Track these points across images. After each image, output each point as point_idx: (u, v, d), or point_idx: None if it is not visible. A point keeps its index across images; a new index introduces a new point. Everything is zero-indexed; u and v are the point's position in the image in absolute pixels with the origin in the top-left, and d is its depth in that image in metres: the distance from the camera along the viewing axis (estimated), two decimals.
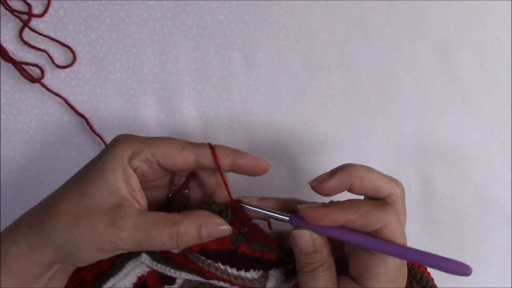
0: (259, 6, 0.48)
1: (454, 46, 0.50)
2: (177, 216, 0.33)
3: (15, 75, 0.46)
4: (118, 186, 0.33)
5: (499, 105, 0.50)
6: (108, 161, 0.33)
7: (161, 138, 0.35)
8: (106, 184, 0.33)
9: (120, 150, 0.33)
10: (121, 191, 0.33)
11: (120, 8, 0.47)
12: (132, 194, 0.33)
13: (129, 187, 0.33)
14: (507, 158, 0.50)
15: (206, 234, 0.34)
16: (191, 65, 0.47)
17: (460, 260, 0.32)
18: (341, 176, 0.34)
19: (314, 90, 0.49)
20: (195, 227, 0.33)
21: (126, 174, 0.33)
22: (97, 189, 0.33)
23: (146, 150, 0.34)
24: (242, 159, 0.35)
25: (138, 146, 0.34)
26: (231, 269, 0.35)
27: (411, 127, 0.49)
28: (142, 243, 0.33)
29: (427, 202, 0.49)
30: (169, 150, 0.34)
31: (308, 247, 0.33)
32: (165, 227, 0.33)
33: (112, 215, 0.32)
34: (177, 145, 0.34)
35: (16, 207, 0.46)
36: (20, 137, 0.46)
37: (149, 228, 0.32)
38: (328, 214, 0.33)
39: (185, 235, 0.33)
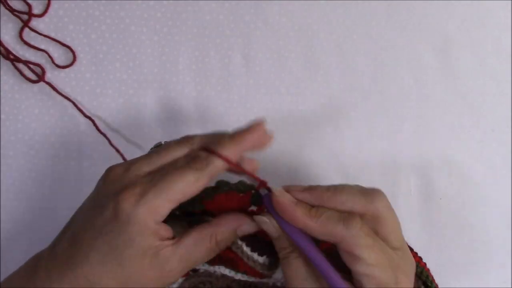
0: (259, 6, 0.48)
1: (454, 46, 0.50)
2: (211, 228, 0.34)
3: (15, 75, 0.46)
4: (151, 244, 0.33)
5: (499, 105, 0.50)
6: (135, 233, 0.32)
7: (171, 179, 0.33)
8: (141, 250, 0.32)
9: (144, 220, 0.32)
10: (154, 244, 0.33)
11: (120, 8, 0.47)
12: (161, 237, 0.33)
13: (157, 236, 0.33)
14: (507, 158, 0.50)
15: (241, 233, 0.35)
16: (191, 65, 0.47)
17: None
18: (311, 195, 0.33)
19: (314, 90, 0.49)
20: (231, 233, 0.34)
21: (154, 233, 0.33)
22: (133, 257, 0.32)
23: (167, 205, 0.32)
24: (245, 144, 0.34)
25: (159, 205, 0.32)
26: (247, 247, 0.36)
27: (411, 127, 0.49)
28: (192, 266, 0.35)
29: (427, 202, 0.49)
30: (186, 191, 0.33)
31: (272, 232, 0.34)
32: (205, 245, 0.34)
33: (156, 265, 0.33)
34: (188, 180, 0.32)
35: (16, 207, 0.46)
36: (20, 137, 0.46)
37: (192, 253, 0.34)
38: (293, 214, 0.32)
39: (223, 242, 0.34)
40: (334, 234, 0.32)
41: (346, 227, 0.31)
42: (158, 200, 0.32)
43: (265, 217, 0.34)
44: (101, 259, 0.32)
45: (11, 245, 0.45)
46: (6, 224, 0.46)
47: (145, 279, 0.33)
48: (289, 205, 0.33)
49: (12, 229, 0.46)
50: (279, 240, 0.34)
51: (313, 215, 0.32)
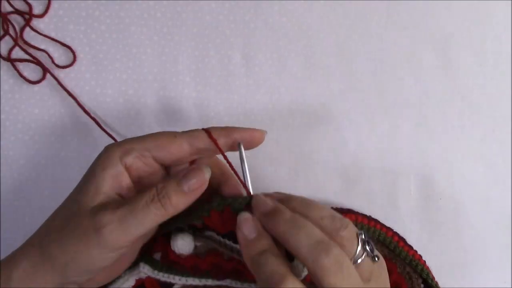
0: (259, 6, 0.48)
1: (454, 46, 0.50)
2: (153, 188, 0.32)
3: (15, 75, 0.46)
4: (105, 185, 0.32)
5: (499, 105, 0.50)
6: (98, 163, 0.33)
7: (152, 133, 0.35)
8: (94, 185, 0.32)
9: (110, 151, 0.33)
10: (106, 190, 0.32)
11: (120, 8, 0.47)
12: (119, 192, 0.33)
13: (116, 185, 0.33)
14: (507, 158, 0.50)
15: (187, 187, 0.32)
16: (191, 65, 0.47)
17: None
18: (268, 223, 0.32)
19: (314, 90, 0.49)
20: (174, 184, 0.32)
21: (115, 172, 0.33)
22: (86, 192, 0.32)
23: (138, 146, 0.33)
24: (236, 133, 0.34)
25: (129, 144, 0.34)
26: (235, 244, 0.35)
27: (411, 127, 0.49)
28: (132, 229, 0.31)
29: (427, 202, 0.49)
30: (161, 141, 0.34)
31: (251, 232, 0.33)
32: (143, 196, 0.32)
33: (96, 217, 0.31)
34: (168, 134, 0.34)
35: (16, 207, 0.46)
36: (20, 137, 0.46)
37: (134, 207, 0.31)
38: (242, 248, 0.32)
39: (168, 196, 0.31)
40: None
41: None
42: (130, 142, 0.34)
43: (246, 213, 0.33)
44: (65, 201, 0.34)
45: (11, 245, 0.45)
46: (6, 224, 0.46)
47: (83, 229, 0.31)
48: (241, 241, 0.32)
49: (12, 229, 0.46)
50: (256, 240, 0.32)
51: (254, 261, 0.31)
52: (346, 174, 0.48)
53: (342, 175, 0.48)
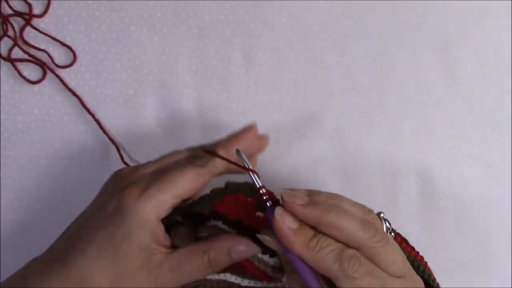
0: (259, 6, 0.48)
1: (454, 46, 0.50)
2: (205, 245, 0.34)
3: (15, 75, 0.46)
4: (147, 242, 0.33)
5: (499, 105, 0.50)
6: (135, 225, 0.32)
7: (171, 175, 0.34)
8: (137, 245, 0.33)
9: (146, 212, 0.33)
10: (149, 245, 0.33)
11: (120, 8, 0.47)
12: (158, 241, 0.34)
13: (155, 237, 0.33)
14: (507, 158, 0.50)
15: (237, 256, 0.34)
16: (191, 65, 0.47)
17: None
18: (311, 214, 0.32)
19: (314, 90, 0.49)
20: (224, 252, 0.34)
21: (154, 230, 0.33)
22: (129, 253, 0.33)
23: (170, 199, 0.34)
24: (241, 144, 0.36)
25: (161, 199, 0.33)
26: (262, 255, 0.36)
27: (411, 127, 0.49)
28: (182, 281, 0.34)
29: (427, 202, 0.49)
30: (188, 185, 0.34)
31: (276, 249, 0.34)
32: (197, 259, 0.34)
33: (147, 269, 0.33)
34: (190, 174, 0.34)
35: (16, 207, 0.46)
36: (20, 137, 0.46)
37: (183, 267, 0.33)
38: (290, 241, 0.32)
39: (217, 261, 0.34)
40: (328, 272, 0.31)
41: (341, 269, 0.31)
42: (160, 193, 0.33)
43: (267, 236, 0.33)
44: (97, 253, 0.33)
45: (11, 245, 0.45)
46: (6, 224, 0.46)
47: (135, 282, 0.33)
48: (288, 234, 0.32)
49: (12, 229, 0.46)
50: (284, 256, 0.34)
51: (311, 248, 0.31)
52: (346, 174, 0.48)
53: (342, 175, 0.48)
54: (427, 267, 0.39)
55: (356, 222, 0.32)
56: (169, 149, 0.47)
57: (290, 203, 0.32)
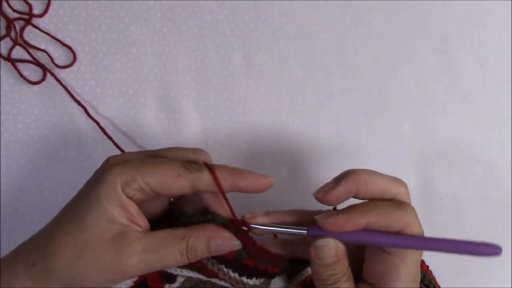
0: (259, 6, 0.48)
1: (454, 46, 0.50)
2: (184, 231, 0.33)
3: (15, 75, 0.46)
4: (116, 215, 0.32)
5: (499, 105, 0.50)
6: (102, 192, 0.32)
7: (155, 164, 0.33)
8: (104, 214, 0.32)
9: (112, 179, 0.32)
10: (120, 219, 0.32)
11: (120, 8, 0.47)
12: (132, 220, 0.33)
13: (127, 214, 0.33)
14: (507, 158, 0.50)
15: (215, 247, 0.34)
16: (191, 65, 0.47)
17: (487, 242, 0.32)
18: (347, 184, 0.33)
19: (314, 90, 0.49)
20: (204, 241, 0.33)
21: (122, 203, 0.32)
22: (95, 220, 0.32)
23: (139, 179, 0.32)
24: (242, 181, 0.34)
25: (130, 174, 0.32)
26: (234, 273, 0.35)
27: (411, 127, 0.49)
28: (154, 264, 0.33)
29: (427, 202, 0.49)
30: (163, 178, 0.33)
31: (331, 257, 0.33)
32: (175, 244, 0.33)
33: (117, 243, 0.32)
34: (172, 172, 0.33)
35: (16, 207, 0.46)
36: (20, 137, 0.46)
37: (159, 248, 0.32)
38: (350, 219, 0.32)
39: (194, 249, 0.33)
40: (398, 221, 0.33)
41: (406, 213, 0.33)
42: (134, 171, 0.32)
43: (329, 238, 0.33)
44: (67, 217, 0.33)
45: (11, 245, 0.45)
46: (6, 224, 0.46)
47: (102, 255, 0.32)
48: (343, 215, 0.33)
49: (12, 229, 0.46)
50: (337, 264, 0.33)
51: (373, 210, 0.33)
52: None
53: None
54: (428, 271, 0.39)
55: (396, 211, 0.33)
56: None
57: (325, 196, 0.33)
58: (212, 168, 0.33)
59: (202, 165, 0.34)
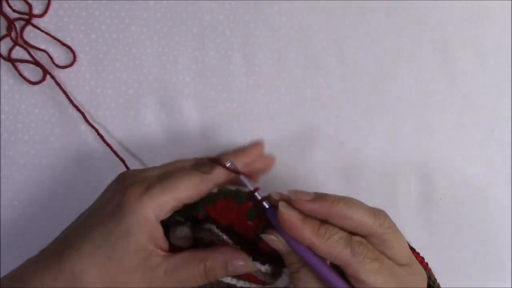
0: (259, 6, 0.48)
1: (454, 46, 0.50)
2: (203, 253, 0.34)
3: (15, 75, 0.46)
4: (145, 243, 0.33)
5: (499, 105, 0.50)
6: (134, 224, 0.32)
7: (175, 178, 0.34)
8: (134, 245, 0.33)
9: (146, 211, 0.33)
10: (148, 246, 0.33)
11: (120, 8, 0.47)
12: (156, 243, 0.33)
13: (154, 239, 0.33)
14: (507, 158, 0.50)
15: (233, 270, 0.34)
16: (191, 65, 0.47)
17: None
18: (321, 207, 0.32)
19: (314, 90, 0.49)
20: (221, 264, 0.34)
21: (152, 230, 0.33)
22: (126, 252, 0.32)
23: (170, 200, 0.33)
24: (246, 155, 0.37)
25: (162, 199, 0.33)
26: (249, 256, 0.36)
27: (411, 127, 0.49)
28: (175, 285, 0.34)
29: (427, 202, 0.49)
30: (191, 191, 0.34)
31: (281, 249, 0.33)
32: (194, 267, 0.34)
33: (142, 270, 0.33)
34: (194, 180, 0.34)
35: (16, 207, 0.46)
36: (20, 137, 0.46)
37: (179, 271, 0.34)
38: (301, 232, 0.32)
39: (213, 271, 0.34)
40: (340, 258, 0.32)
41: (353, 254, 0.31)
42: (163, 195, 0.33)
43: (272, 235, 0.33)
44: (92, 250, 0.32)
45: (11, 245, 0.45)
46: (6, 224, 0.46)
47: (129, 282, 0.33)
48: (296, 223, 0.32)
49: (12, 229, 0.46)
50: (289, 255, 0.33)
51: (321, 235, 0.32)
52: (346, 174, 0.48)
53: (342, 175, 0.48)
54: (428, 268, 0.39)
55: (366, 210, 0.32)
56: (169, 149, 0.47)
57: (296, 200, 0.33)
58: (218, 159, 0.35)
59: (210, 163, 0.35)
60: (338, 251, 0.31)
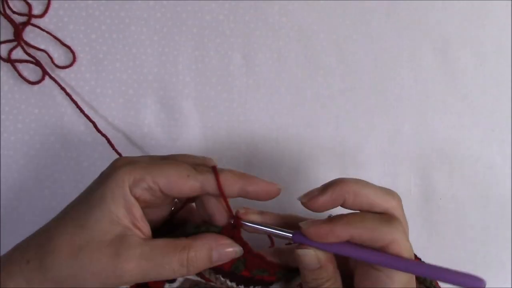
0: (259, 6, 0.48)
1: (454, 46, 0.50)
2: (185, 241, 0.33)
3: (15, 75, 0.46)
4: (120, 216, 0.31)
5: (499, 105, 0.50)
6: (108, 190, 0.32)
7: (164, 164, 0.33)
8: (107, 214, 0.31)
9: (120, 178, 0.32)
10: (123, 221, 0.32)
11: (120, 8, 0.47)
12: (134, 223, 0.32)
13: (131, 216, 0.32)
14: (507, 158, 0.50)
15: (217, 257, 0.33)
16: (191, 65, 0.47)
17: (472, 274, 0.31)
18: (333, 193, 0.32)
19: (314, 90, 0.49)
20: (205, 251, 0.33)
21: (127, 203, 0.32)
22: (98, 220, 0.31)
23: (148, 178, 0.32)
24: (251, 186, 0.33)
25: (139, 173, 0.32)
26: (231, 283, 0.35)
27: (411, 127, 0.49)
28: (150, 272, 0.31)
29: (427, 202, 0.49)
30: (173, 178, 0.32)
31: (313, 264, 0.33)
32: (174, 254, 0.32)
33: (116, 246, 0.31)
34: (181, 172, 0.32)
35: (16, 207, 0.46)
36: (20, 137, 0.46)
37: (157, 256, 0.31)
38: (333, 231, 0.32)
39: (196, 260, 0.32)
40: (383, 237, 0.31)
41: (393, 229, 0.31)
42: (141, 171, 0.32)
43: (310, 249, 0.33)
44: (71, 215, 0.32)
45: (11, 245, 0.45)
46: (6, 224, 0.46)
47: (99, 257, 0.31)
48: (326, 226, 0.32)
49: (12, 229, 0.46)
50: (319, 270, 0.33)
51: (358, 224, 0.32)
52: (346, 174, 0.48)
53: (342, 175, 0.48)
54: None
55: (377, 187, 0.33)
56: (169, 149, 0.47)
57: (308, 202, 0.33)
58: (216, 170, 0.33)
59: (209, 168, 0.33)
60: (380, 229, 0.31)
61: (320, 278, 0.33)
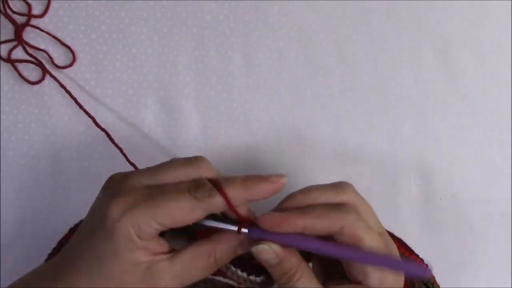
0: (259, 6, 0.48)
1: (454, 46, 0.50)
2: (207, 246, 0.33)
3: (15, 75, 0.46)
4: (139, 257, 0.32)
5: (499, 105, 0.50)
6: (119, 247, 0.31)
7: (164, 201, 0.31)
8: (127, 262, 0.31)
9: (125, 234, 0.31)
10: (144, 258, 0.32)
11: (120, 8, 0.47)
12: (154, 252, 0.32)
13: (149, 251, 0.32)
14: (507, 158, 0.50)
15: (242, 251, 0.34)
16: (191, 65, 0.47)
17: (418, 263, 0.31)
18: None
19: (314, 90, 0.49)
20: (230, 251, 0.33)
21: (141, 246, 0.31)
22: (121, 269, 0.31)
23: (153, 223, 0.31)
24: (256, 193, 0.33)
25: (142, 220, 0.31)
26: (242, 273, 0.36)
27: (411, 127, 0.49)
28: (185, 283, 0.33)
29: (427, 202, 0.49)
30: (178, 217, 0.31)
31: (272, 259, 0.32)
32: (203, 263, 0.33)
33: (149, 281, 0.32)
34: (184, 207, 0.31)
35: (16, 207, 0.46)
36: (20, 137, 0.46)
37: (188, 270, 0.33)
38: (287, 219, 0.32)
39: (222, 260, 0.33)
40: (335, 222, 0.32)
41: (344, 212, 0.32)
42: (144, 217, 0.31)
43: (262, 244, 0.32)
44: (88, 269, 0.32)
45: (11, 246, 0.45)
46: (6, 224, 0.46)
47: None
48: (280, 215, 0.32)
49: (12, 229, 0.46)
50: (280, 264, 0.33)
51: (310, 212, 0.32)
52: (346, 174, 0.48)
53: (342, 175, 0.48)
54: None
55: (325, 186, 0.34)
56: (169, 149, 0.47)
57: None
58: (222, 189, 0.32)
59: (211, 187, 0.32)
60: (330, 214, 0.32)
61: (286, 272, 0.33)
